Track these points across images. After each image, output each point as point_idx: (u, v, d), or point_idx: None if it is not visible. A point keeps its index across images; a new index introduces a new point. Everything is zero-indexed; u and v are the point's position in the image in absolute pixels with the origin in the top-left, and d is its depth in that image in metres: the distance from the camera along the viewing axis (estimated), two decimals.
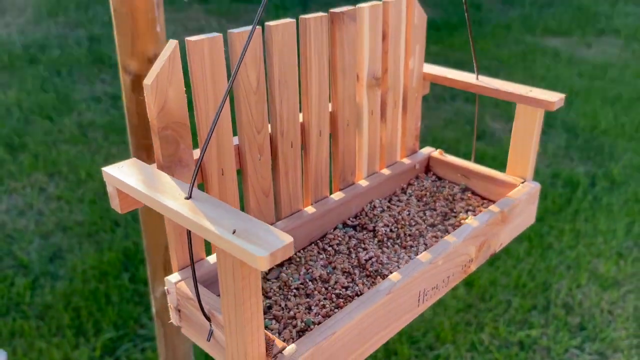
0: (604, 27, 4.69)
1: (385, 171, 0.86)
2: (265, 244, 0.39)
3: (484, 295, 1.91)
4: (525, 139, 0.82)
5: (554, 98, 0.77)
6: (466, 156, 2.25)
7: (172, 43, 0.53)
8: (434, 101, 3.30)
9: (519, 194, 0.80)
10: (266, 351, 0.48)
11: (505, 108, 3.19)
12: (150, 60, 0.71)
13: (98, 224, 2.06)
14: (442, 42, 4.08)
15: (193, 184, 0.47)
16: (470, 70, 0.88)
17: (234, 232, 0.41)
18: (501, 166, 0.89)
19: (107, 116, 2.87)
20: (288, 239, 0.40)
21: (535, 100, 0.78)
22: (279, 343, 0.50)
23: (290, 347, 0.50)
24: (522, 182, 0.83)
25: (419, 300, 0.63)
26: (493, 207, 0.75)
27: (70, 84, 3.15)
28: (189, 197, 0.46)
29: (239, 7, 4.55)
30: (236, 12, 4.45)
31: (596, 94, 3.46)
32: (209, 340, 0.53)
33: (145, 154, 0.81)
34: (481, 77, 0.86)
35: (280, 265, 0.69)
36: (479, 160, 2.48)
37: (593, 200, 2.47)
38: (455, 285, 0.73)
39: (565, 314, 1.85)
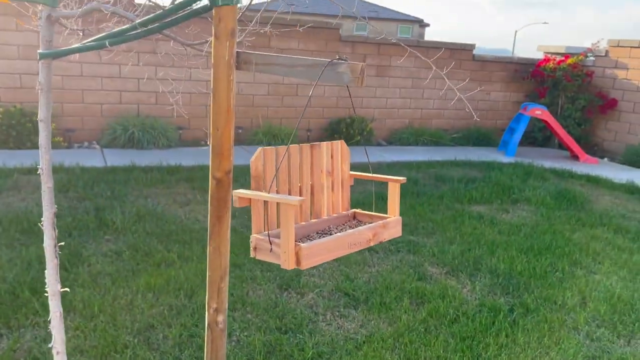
0: (518, 197, 5.77)
1: (334, 215, 1.83)
2: (295, 200, 1.13)
3: None
4: (393, 199, 1.77)
5: (401, 179, 1.75)
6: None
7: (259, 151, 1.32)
8: (383, 253, 4.04)
9: (392, 219, 1.74)
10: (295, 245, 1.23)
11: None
12: (228, 173, 1.38)
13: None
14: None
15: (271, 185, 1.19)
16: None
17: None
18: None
19: (113, 266, 3.45)
20: (302, 199, 1.18)
21: (396, 180, 1.75)
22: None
23: (303, 244, 1.21)
24: (393, 217, 1.78)
25: (348, 246, 1.51)
26: (380, 221, 1.71)
27: (81, 243, 3.76)
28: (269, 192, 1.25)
29: None
30: None
31: (513, 246, 4.30)
32: (271, 251, 1.25)
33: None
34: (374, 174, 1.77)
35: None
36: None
37: (512, 322, 3.12)
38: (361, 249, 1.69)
39: None
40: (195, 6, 1.17)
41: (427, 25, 36.93)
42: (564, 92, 9.22)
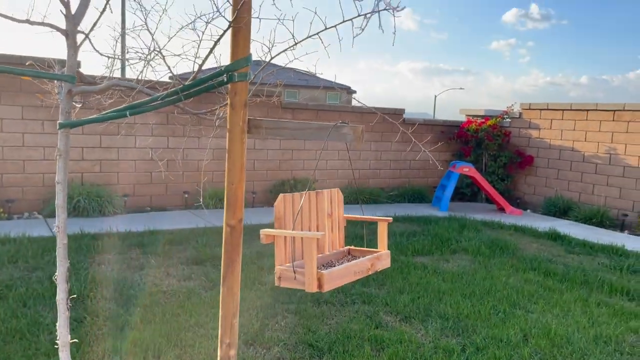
0: (456, 247, 6.19)
1: (334, 251, 2.10)
2: (318, 234, 1.38)
3: None
4: (382, 235, 2.00)
5: (388, 219, 1.93)
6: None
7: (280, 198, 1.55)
8: (339, 305, 4.24)
9: (383, 252, 2.04)
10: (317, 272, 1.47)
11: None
12: (240, 221, 1.60)
13: None
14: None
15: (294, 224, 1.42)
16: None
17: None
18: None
19: (75, 334, 3.43)
20: (323, 233, 1.43)
21: (384, 219, 1.94)
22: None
23: (324, 271, 1.45)
24: (383, 251, 2.07)
25: (354, 274, 1.70)
26: (374, 254, 1.96)
27: (38, 312, 3.70)
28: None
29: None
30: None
31: (457, 292, 4.63)
32: (295, 279, 1.47)
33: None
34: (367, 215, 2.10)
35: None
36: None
37: None
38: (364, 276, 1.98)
39: None
40: (213, 81, 1.41)
41: (354, 92, 38.81)
42: (487, 150, 10.05)
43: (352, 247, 2.19)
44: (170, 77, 1.74)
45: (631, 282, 5.24)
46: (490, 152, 10.06)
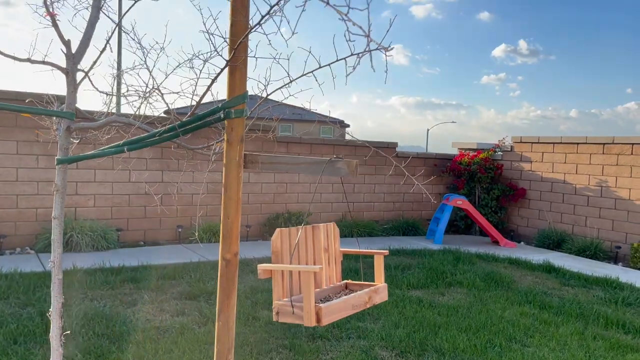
0: (451, 280, 6.17)
1: (331, 285, 2.08)
2: (315, 268, 1.38)
3: None
4: (379, 269, 1.95)
5: (384, 252, 2.01)
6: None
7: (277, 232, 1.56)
8: (335, 340, 4.20)
9: (380, 285, 2.01)
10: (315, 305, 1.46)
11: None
12: (236, 255, 1.61)
13: None
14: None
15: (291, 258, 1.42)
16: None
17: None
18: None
19: None
20: (320, 267, 1.43)
21: (380, 253, 1.95)
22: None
23: (322, 305, 1.45)
24: (380, 284, 2.06)
25: (352, 307, 1.63)
26: (372, 287, 1.95)
27: (29, 349, 3.64)
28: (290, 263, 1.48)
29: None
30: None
31: (453, 326, 4.60)
32: (293, 313, 1.46)
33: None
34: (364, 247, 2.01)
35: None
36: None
37: None
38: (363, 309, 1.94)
39: None
40: (210, 118, 1.45)
41: (347, 125, 39.20)
42: (480, 183, 10.12)
43: (349, 281, 2.20)
44: (166, 112, 1.77)
45: (627, 314, 5.22)
46: (483, 184, 10.13)
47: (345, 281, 2.19)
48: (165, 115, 2.19)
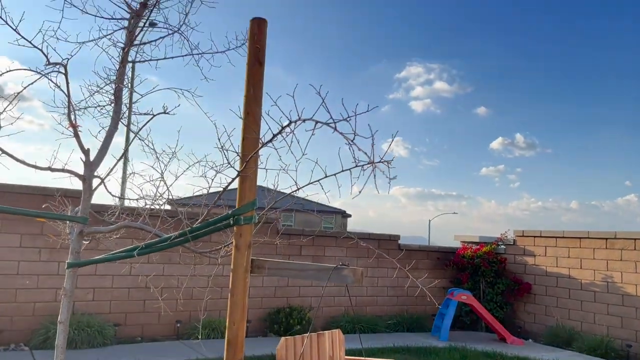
0: None
1: None
2: None
3: None
4: None
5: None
6: None
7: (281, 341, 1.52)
8: None
9: None
10: None
11: None
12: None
13: None
14: None
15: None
16: None
17: None
18: None
19: None
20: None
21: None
22: None
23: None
24: None
25: None
26: None
27: None
28: None
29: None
30: None
31: None
32: None
33: None
34: None
35: None
36: None
37: None
38: None
39: None
40: (220, 224, 1.50)
41: (349, 215, 39.31)
42: (484, 277, 10.00)
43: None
44: (168, 202, 1.83)
45: None
46: (487, 278, 10.00)
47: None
48: (169, 208, 2.24)
